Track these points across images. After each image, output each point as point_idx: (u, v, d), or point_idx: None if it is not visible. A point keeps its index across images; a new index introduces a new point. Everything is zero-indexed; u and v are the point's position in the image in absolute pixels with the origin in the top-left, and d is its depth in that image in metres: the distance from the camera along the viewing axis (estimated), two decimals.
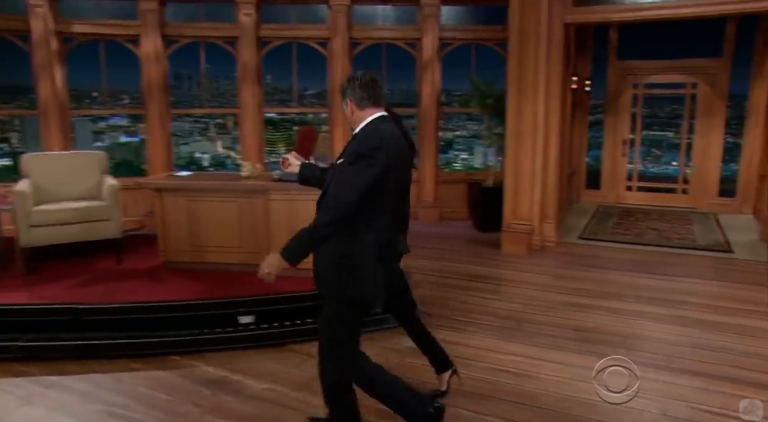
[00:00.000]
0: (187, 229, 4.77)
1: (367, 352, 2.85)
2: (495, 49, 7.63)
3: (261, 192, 4.59)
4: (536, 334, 4.22)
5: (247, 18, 7.19)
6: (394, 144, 2.53)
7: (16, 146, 7.81)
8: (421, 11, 7.43)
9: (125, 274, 4.79)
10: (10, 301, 4.15)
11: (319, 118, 9.34)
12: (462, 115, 8.92)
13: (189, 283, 4.55)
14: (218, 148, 9.04)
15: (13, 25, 6.66)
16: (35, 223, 4.68)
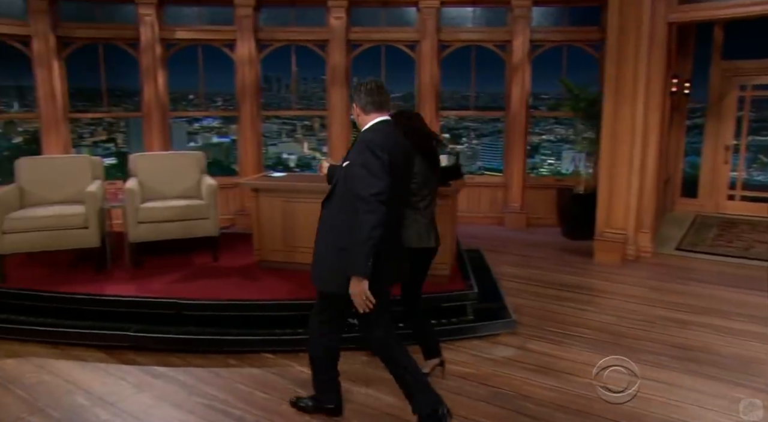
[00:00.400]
0: (281, 229, 4.88)
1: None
2: (587, 50, 7.36)
3: None
4: (637, 350, 4.01)
5: (337, 21, 7.30)
6: (394, 144, 2.74)
7: (120, 146, 8.28)
8: (511, 13, 7.28)
9: (222, 272, 4.96)
10: (120, 293, 4.40)
11: None
12: (549, 118, 8.65)
13: (282, 283, 4.66)
14: (304, 149, 9.23)
15: (123, 34, 7.07)
16: (142, 220, 4.94)
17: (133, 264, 5.01)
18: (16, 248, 4.64)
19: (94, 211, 4.72)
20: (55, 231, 4.67)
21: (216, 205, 5.12)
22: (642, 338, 4.22)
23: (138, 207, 4.93)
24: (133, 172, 5.43)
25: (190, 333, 4.10)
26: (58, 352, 4.03)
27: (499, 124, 9.47)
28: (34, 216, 4.67)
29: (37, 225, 4.63)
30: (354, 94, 2.88)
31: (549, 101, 8.39)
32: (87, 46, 7.14)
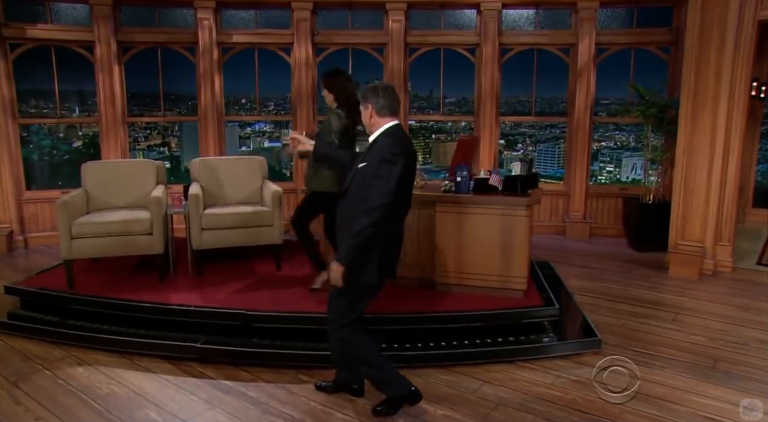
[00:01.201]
0: None
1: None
2: (656, 53, 6.99)
3: (428, 204, 4.39)
4: (738, 377, 3.68)
5: (395, 24, 7.10)
6: (407, 148, 2.99)
7: (173, 150, 8.23)
8: (576, 14, 6.97)
9: (286, 281, 4.78)
10: (185, 302, 4.25)
11: (458, 127, 9.10)
12: (609, 124, 8.28)
13: None
14: None
15: (181, 38, 7.01)
16: (206, 226, 4.79)
17: (196, 272, 4.87)
18: (83, 253, 4.55)
19: (158, 217, 4.59)
20: (120, 236, 4.56)
21: (281, 211, 4.95)
22: (741, 363, 3.88)
23: (202, 213, 4.79)
24: (195, 177, 5.30)
25: (259, 345, 3.93)
26: (125, 362, 3.91)
27: (556, 130, 9.14)
28: (101, 222, 4.57)
29: (103, 231, 4.53)
30: (369, 96, 3.01)
31: (610, 106, 8.02)
32: (145, 51, 7.10)
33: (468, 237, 4.31)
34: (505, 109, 7.89)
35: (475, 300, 4.24)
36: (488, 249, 4.27)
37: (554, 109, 7.95)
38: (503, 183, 4.28)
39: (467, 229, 4.30)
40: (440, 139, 9.30)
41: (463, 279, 4.39)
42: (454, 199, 4.31)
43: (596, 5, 6.83)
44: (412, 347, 3.91)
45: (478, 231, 4.27)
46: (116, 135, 6.94)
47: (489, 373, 3.75)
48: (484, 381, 3.64)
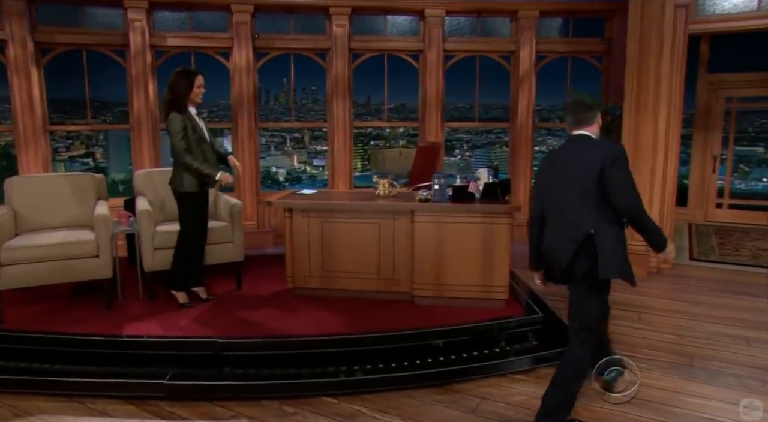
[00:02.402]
0: (319, 253, 4.28)
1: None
2: (590, 62, 7.11)
3: (404, 214, 4.08)
4: (717, 373, 3.67)
5: (339, 29, 6.74)
6: (548, 160, 3.05)
7: (99, 161, 7.40)
8: (516, 23, 6.94)
9: (251, 302, 4.31)
10: (144, 332, 3.68)
11: (396, 133, 8.88)
12: (542, 130, 8.37)
13: (324, 313, 4.06)
14: (294, 162, 8.58)
15: (109, 40, 6.27)
16: (158, 245, 4.21)
17: (149, 297, 4.27)
18: (15, 282, 3.85)
19: (106, 237, 3.98)
20: (60, 261, 3.89)
21: (241, 227, 4.46)
22: (716, 358, 3.89)
23: (155, 231, 4.20)
24: (140, 191, 4.68)
25: (234, 376, 3.45)
26: (75, 407, 3.30)
27: (492, 135, 9.16)
28: (37, 245, 3.89)
29: (40, 256, 3.86)
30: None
31: (542, 112, 8.10)
32: (65, 53, 6.28)
33: (448, 247, 4.06)
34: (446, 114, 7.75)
35: (457, 313, 4.00)
36: (469, 258, 4.04)
37: (489, 115, 7.92)
38: (482, 190, 4.06)
39: (447, 239, 4.06)
40: (379, 146, 9.04)
41: (443, 291, 4.13)
42: (433, 208, 4.05)
43: (536, 14, 6.83)
44: (399, 367, 3.58)
45: (459, 240, 4.04)
46: (36, 145, 6.07)
47: (483, 389, 3.50)
48: (481, 397, 3.39)
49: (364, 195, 4.57)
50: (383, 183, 4.37)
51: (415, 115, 7.97)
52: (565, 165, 2.84)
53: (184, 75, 4.10)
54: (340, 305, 4.18)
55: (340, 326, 3.86)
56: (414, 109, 8.12)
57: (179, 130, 4.00)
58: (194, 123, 4.15)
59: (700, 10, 5.69)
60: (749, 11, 5.53)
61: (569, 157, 2.86)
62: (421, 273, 4.13)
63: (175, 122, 4.00)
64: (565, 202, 2.82)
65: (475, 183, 4.08)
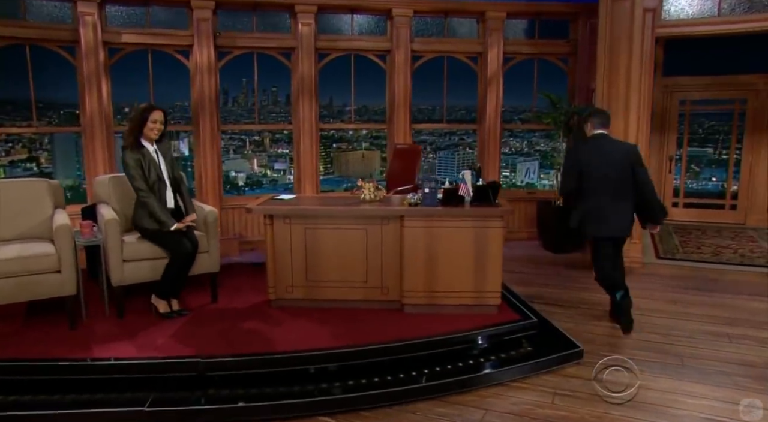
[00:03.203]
0: (302, 262, 4.06)
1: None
2: (556, 63, 7.18)
3: (393, 219, 3.93)
4: (708, 372, 3.70)
5: (305, 28, 6.52)
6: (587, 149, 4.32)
7: (44, 166, 6.85)
8: (484, 24, 6.92)
9: (230, 316, 4.04)
10: (117, 354, 3.36)
11: (359, 135, 8.70)
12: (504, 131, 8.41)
13: (311, 326, 3.86)
14: (254, 166, 8.25)
15: (55, 35, 5.81)
16: (128, 257, 3.88)
17: (117, 314, 3.92)
18: None
19: (68, 250, 3.62)
20: (17, 278, 3.50)
21: (217, 236, 4.17)
22: (703, 357, 3.93)
23: (124, 241, 3.87)
24: (102, 198, 4.31)
25: (220, 399, 3.18)
26: None
27: (455, 137, 9.13)
28: None
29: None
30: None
31: (505, 114, 8.13)
32: (5, 49, 5.76)
33: (439, 252, 3.94)
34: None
35: (449, 321, 3.89)
36: (461, 264, 3.94)
37: (453, 117, 7.87)
38: (473, 193, 3.96)
39: (438, 244, 3.94)
40: (341, 149, 8.83)
41: (435, 299, 4.00)
42: (423, 213, 3.91)
43: (503, 16, 6.83)
44: (396, 381, 3.41)
45: (450, 245, 3.92)
46: None
47: (485, 399, 3.39)
48: (485, 408, 3.27)
49: (348, 200, 4.38)
50: (368, 187, 4.20)
51: (378, 117, 7.85)
52: (608, 153, 4.12)
53: (141, 110, 4.04)
54: (327, 316, 3.98)
55: (330, 339, 3.66)
56: (378, 111, 7.98)
57: (134, 169, 3.90)
58: (150, 160, 3.96)
59: (665, 15, 5.82)
60: (710, 16, 5.70)
61: (608, 147, 4.18)
62: (411, 280, 3.99)
63: (129, 161, 3.92)
64: (613, 179, 4.07)
65: (466, 186, 3.98)
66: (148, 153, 3.96)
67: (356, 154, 8.74)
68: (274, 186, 8.33)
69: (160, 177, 3.99)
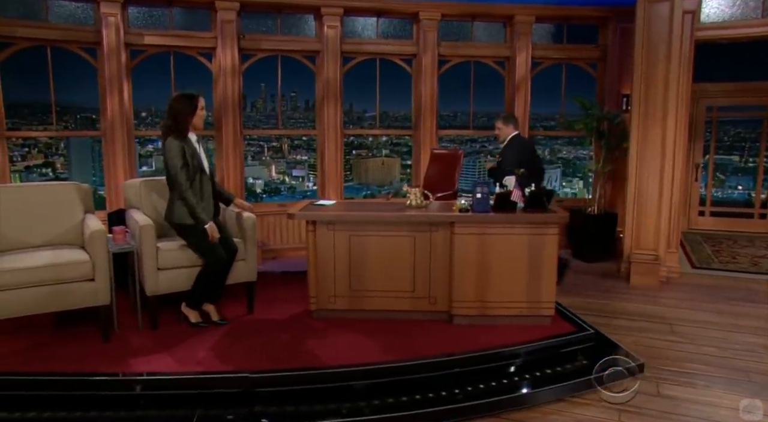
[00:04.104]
0: (346, 270, 3.87)
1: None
2: (585, 68, 7.03)
3: (444, 225, 3.74)
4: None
5: (331, 31, 6.36)
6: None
7: (60, 172, 6.65)
8: (512, 28, 6.77)
9: (270, 327, 3.84)
10: (159, 368, 3.15)
11: (379, 142, 8.55)
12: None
13: (359, 339, 3.67)
14: (272, 173, 8.06)
15: (77, 36, 5.63)
16: (162, 266, 3.67)
17: (151, 325, 3.71)
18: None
19: (103, 257, 3.43)
20: (49, 286, 3.29)
21: (255, 242, 3.98)
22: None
23: (159, 248, 3.66)
24: (133, 203, 4.12)
25: (268, 416, 2.97)
26: None
27: (477, 144, 8.98)
28: (21, 268, 3.28)
29: (26, 280, 3.27)
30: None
31: (562, 120, 7.88)
32: (24, 50, 5.57)
33: (491, 260, 3.77)
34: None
35: (502, 333, 3.70)
36: (514, 272, 3.76)
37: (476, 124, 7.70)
38: (526, 199, 3.78)
39: (490, 252, 3.77)
40: (361, 155, 8.67)
41: (486, 309, 3.82)
42: (475, 219, 3.73)
43: (532, 19, 6.69)
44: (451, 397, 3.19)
45: (503, 253, 3.75)
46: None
47: (547, 416, 3.19)
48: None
49: (394, 205, 4.19)
50: (414, 192, 4.01)
51: (399, 123, 7.70)
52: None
53: (187, 98, 3.81)
54: (372, 328, 3.79)
55: (379, 352, 3.47)
56: (399, 117, 7.83)
57: (178, 159, 3.66)
58: (193, 150, 3.75)
59: (703, 17, 5.69)
60: (752, 18, 5.56)
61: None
62: (461, 290, 3.80)
63: (173, 149, 3.66)
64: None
65: (518, 191, 3.80)
66: (191, 143, 3.77)
67: (376, 161, 8.59)
68: (293, 193, 8.15)
69: (202, 168, 3.80)
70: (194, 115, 3.77)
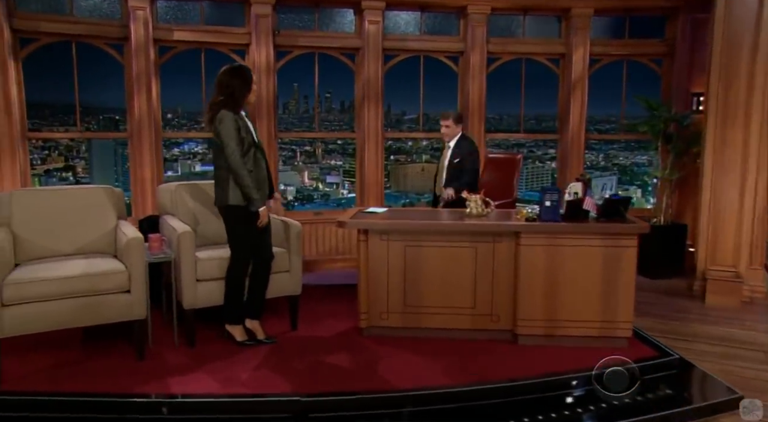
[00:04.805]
0: (400, 284, 3.78)
1: None
2: (648, 65, 6.86)
3: (509, 234, 3.63)
4: None
5: (372, 26, 6.32)
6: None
7: (81, 176, 6.70)
8: (568, 23, 6.65)
9: (317, 346, 3.77)
10: (201, 390, 3.08)
11: (419, 146, 8.47)
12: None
13: (416, 359, 3.60)
14: (305, 179, 8.03)
15: (106, 31, 5.66)
16: (201, 277, 3.62)
17: (188, 343, 3.66)
18: (21, 328, 3.22)
19: (140, 267, 3.39)
20: (82, 298, 3.26)
21: (300, 252, 3.91)
22: None
23: (197, 258, 3.62)
24: (168, 209, 4.09)
25: None
26: None
27: (524, 149, 8.83)
28: (51, 278, 3.24)
29: (55, 292, 3.22)
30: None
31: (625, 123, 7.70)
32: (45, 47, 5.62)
33: (561, 274, 3.66)
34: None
35: (574, 355, 3.56)
36: (587, 288, 3.65)
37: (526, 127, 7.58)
38: (600, 208, 3.65)
39: (560, 265, 3.67)
40: (399, 161, 8.59)
41: (555, 329, 3.70)
42: (544, 229, 3.61)
43: (590, 12, 6.56)
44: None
45: (575, 267, 3.64)
46: (13, 156, 5.35)
47: None
48: None
49: (452, 214, 4.09)
50: (475, 200, 3.90)
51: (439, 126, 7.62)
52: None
53: (241, 72, 3.78)
54: (428, 348, 3.69)
55: (438, 376, 3.37)
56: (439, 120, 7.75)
57: (234, 132, 3.56)
58: (246, 125, 3.68)
59: None
60: None
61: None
62: (527, 307, 3.68)
63: (227, 121, 3.56)
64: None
65: (591, 199, 3.67)
66: (244, 119, 3.74)
67: (415, 167, 8.50)
68: (326, 201, 8.09)
69: (256, 144, 3.75)
70: (251, 90, 3.76)
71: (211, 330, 3.89)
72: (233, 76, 3.68)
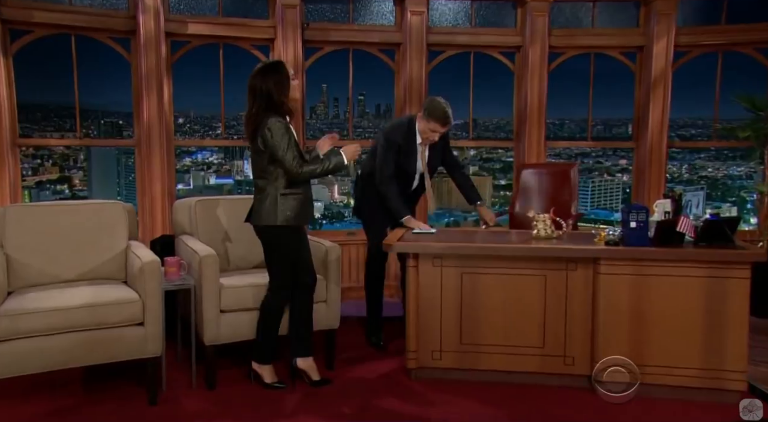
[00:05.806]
0: (456, 318, 3.72)
1: None
2: (753, 56, 6.69)
3: (586, 261, 3.55)
4: None
5: (415, 18, 6.33)
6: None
7: (77, 189, 6.80)
8: (649, 8, 6.56)
9: (358, 390, 3.74)
10: None
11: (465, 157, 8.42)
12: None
13: (474, 407, 3.53)
14: (334, 194, 8.03)
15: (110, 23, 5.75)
16: (225, 307, 3.62)
17: (208, 384, 3.64)
18: (14, 368, 3.20)
19: (156, 296, 3.40)
20: (87, 332, 3.26)
21: (338, 279, 3.90)
22: None
23: (222, 285, 3.62)
24: (187, 228, 4.11)
25: None
26: None
27: (589, 159, 8.74)
28: (50, 309, 3.25)
29: (55, 325, 3.22)
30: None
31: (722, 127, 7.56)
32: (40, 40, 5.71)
33: (650, 310, 3.56)
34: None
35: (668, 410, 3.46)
36: (684, 328, 3.55)
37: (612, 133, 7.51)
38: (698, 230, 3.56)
39: (649, 299, 3.57)
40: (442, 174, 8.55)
41: (644, 376, 3.56)
42: (629, 255, 3.52)
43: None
44: None
45: (668, 301, 3.55)
46: (1, 166, 5.42)
47: None
48: None
49: (517, 236, 4.03)
50: (543, 220, 3.84)
51: (491, 134, 7.57)
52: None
53: (273, 68, 3.68)
54: (489, 394, 3.63)
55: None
56: (490, 126, 7.72)
57: (287, 136, 3.54)
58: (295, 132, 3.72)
59: None
60: None
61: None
62: (608, 348, 3.58)
63: (277, 128, 3.52)
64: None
65: (688, 219, 3.57)
66: (290, 127, 3.68)
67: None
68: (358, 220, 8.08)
69: (302, 155, 3.72)
70: (291, 85, 3.66)
71: (232, 370, 3.88)
72: (265, 76, 3.60)
